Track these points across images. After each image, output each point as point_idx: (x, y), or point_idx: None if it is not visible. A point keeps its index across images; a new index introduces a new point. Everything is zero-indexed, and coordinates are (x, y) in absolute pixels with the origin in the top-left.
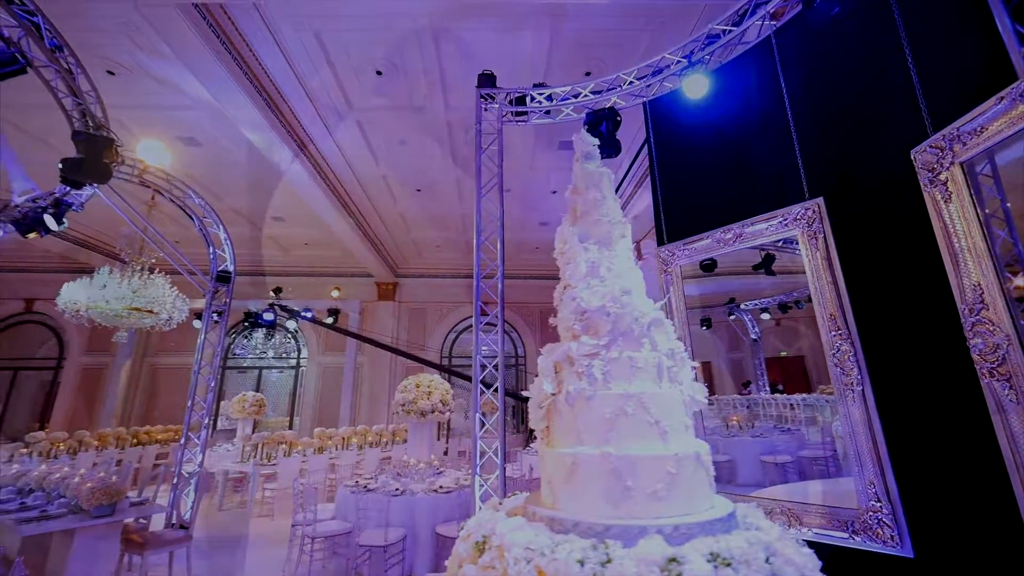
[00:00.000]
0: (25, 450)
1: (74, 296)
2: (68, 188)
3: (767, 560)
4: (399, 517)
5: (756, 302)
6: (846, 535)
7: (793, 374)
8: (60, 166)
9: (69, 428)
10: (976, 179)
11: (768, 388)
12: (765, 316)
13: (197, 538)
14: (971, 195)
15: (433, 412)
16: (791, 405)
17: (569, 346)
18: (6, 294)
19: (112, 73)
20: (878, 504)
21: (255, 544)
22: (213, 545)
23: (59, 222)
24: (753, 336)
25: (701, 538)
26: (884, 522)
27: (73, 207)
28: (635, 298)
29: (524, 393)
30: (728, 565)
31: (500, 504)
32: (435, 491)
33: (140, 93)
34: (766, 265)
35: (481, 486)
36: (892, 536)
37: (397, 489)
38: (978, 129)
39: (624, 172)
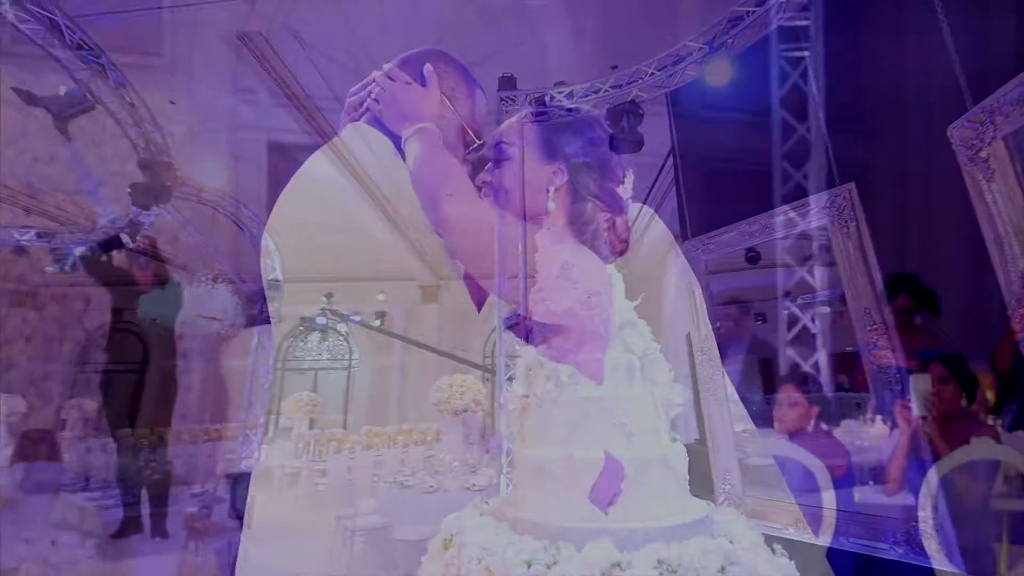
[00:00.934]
0: (115, 445)
1: (150, 306)
2: (139, 209)
3: (722, 569)
4: (433, 513)
5: (815, 294)
6: (887, 546)
7: (859, 371)
8: (129, 191)
9: (151, 425)
10: None
11: (833, 386)
12: (824, 309)
13: (253, 528)
14: (1016, 172)
15: (466, 411)
16: (856, 404)
17: (540, 348)
18: (100, 306)
19: (173, 103)
20: (923, 513)
21: (305, 535)
22: (268, 535)
23: (133, 240)
24: (812, 331)
25: (655, 544)
26: (929, 533)
27: (144, 226)
28: (605, 299)
29: None
30: (674, 572)
31: (486, 503)
32: (468, 488)
33: (197, 119)
34: (818, 255)
35: (507, 484)
36: (939, 549)
37: (431, 486)
38: (1022, 97)
39: (663, 161)
